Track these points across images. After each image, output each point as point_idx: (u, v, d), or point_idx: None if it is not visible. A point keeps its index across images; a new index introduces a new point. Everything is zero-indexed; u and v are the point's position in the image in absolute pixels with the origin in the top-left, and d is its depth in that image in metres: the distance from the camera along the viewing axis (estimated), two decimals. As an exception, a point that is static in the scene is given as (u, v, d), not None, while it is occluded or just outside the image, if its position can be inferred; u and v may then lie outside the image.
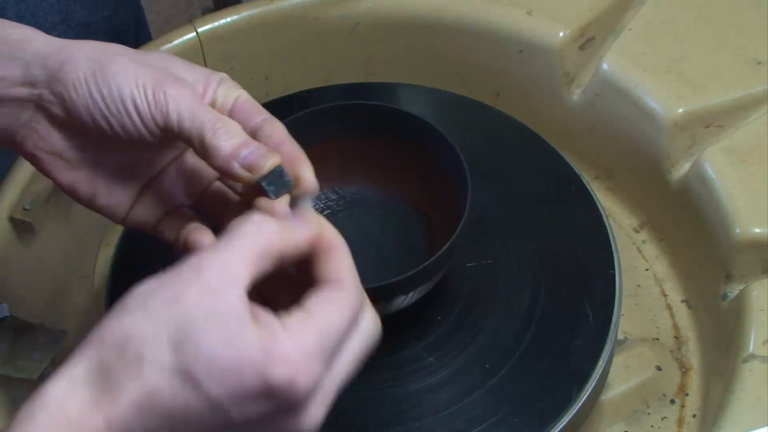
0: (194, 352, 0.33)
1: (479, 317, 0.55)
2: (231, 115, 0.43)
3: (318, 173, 0.57)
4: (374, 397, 0.51)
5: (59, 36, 0.68)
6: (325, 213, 0.58)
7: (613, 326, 0.53)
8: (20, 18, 0.65)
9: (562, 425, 0.49)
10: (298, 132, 0.55)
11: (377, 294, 0.49)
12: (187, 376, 0.33)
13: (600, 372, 0.51)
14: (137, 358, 0.33)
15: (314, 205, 0.57)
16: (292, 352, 0.34)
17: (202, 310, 0.34)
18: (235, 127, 0.41)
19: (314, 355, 0.35)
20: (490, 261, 0.57)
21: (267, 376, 0.34)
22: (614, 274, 0.55)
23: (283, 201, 0.40)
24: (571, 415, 0.50)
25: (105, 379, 0.33)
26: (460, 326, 0.55)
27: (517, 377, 0.52)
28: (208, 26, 0.71)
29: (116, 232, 0.64)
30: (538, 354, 0.53)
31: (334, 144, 0.57)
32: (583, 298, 0.55)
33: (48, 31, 0.67)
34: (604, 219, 0.58)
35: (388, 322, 0.51)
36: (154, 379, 0.33)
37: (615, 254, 0.57)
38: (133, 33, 0.77)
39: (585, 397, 0.50)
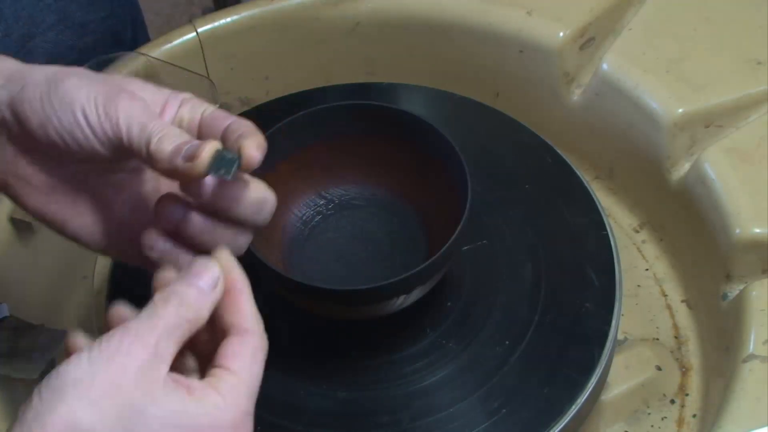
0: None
1: (488, 297, 0.55)
2: (200, 128, 0.43)
3: (319, 173, 0.57)
4: (402, 393, 0.51)
5: (57, 36, 0.69)
6: (326, 214, 0.58)
7: (613, 326, 0.53)
8: (17, 18, 0.65)
9: (563, 425, 0.49)
10: (299, 132, 0.56)
11: (379, 294, 0.49)
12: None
13: (600, 372, 0.51)
14: None
15: (317, 204, 0.58)
16: (237, 416, 0.36)
17: (144, 397, 0.35)
18: (179, 132, 0.41)
19: (251, 413, 0.37)
20: (485, 241, 0.58)
21: None
22: (614, 274, 0.56)
23: (245, 177, 0.42)
24: (571, 415, 0.50)
25: None
26: (471, 308, 0.55)
27: (538, 348, 0.53)
28: (208, 26, 0.71)
29: (116, 232, 0.64)
30: (553, 323, 0.54)
31: (333, 144, 0.57)
32: (583, 298, 0.55)
33: (45, 31, 0.68)
34: (604, 219, 0.58)
35: (398, 316, 0.52)
36: None
37: (615, 254, 0.57)
38: (130, 33, 0.77)
39: (585, 397, 0.50)
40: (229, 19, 0.71)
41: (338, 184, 0.58)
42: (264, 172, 0.54)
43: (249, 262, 0.51)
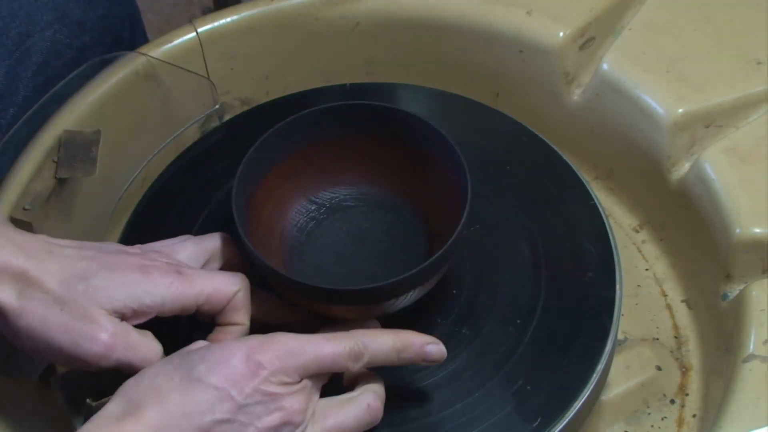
0: (197, 364, 0.43)
1: (491, 279, 0.56)
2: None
3: (307, 177, 0.57)
4: (426, 385, 0.52)
5: (55, 35, 0.69)
6: (319, 219, 0.58)
7: (613, 326, 0.53)
8: (14, 17, 0.65)
9: (563, 425, 0.49)
10: (298, 132, 0.56)
11: (379, 294, 0.49)
12: (194, 378, 0.43)
13: (600, 372, 0.51)
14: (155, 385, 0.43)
15: (309, 210, 0.58)
16: (270, 341, 0.45)
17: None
18: None
19: (290, 351, 0.45)
20: (477, 226, 0.58)
21: (249, 355, 0.43)
22: (614, 274, 0.56)
23: None
24: (571, 415, 0.50)
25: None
26: (477, 293, 0.55)
27: (550, 322, 0.53)
28: (208, 26, 0.71)
29: (116, 232, 0.64)
30: (559, 296, 0.54)
31: (333, 144, 0.57)
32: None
33: (43, 30, 0.68)
34: (604, 219, 0.58)
35: (407, 310, 0.52)
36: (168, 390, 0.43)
37: (615, 254, 0.57)
38: (128, 31, 0.77)
39: (585, 397, 0.50)
40: (229, 19, 0.71)
41: (327, 187, 0.58)
42: (256, 182, 0.54)
43: (251, 267, 0.52)
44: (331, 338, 0.46)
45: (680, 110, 0.62)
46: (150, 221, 0.62)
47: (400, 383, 0.52)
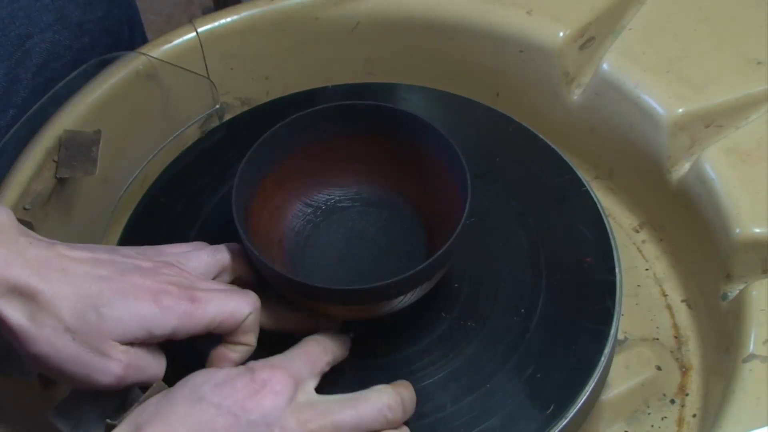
0: (201, 385, 0.45)
1: (491, 271, 0.56)
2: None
3: (302, 181, 0.57)
4: (436, 379, 0.52)
5: (54, 36, 0.69)
6: (316, 222, 0.58)
7: (613, 326, 0.53)
8: (14, 18, 0.65)
9: (562, 425, 0.49)
10: (298, 133, 0.56)
11: (382, 293, 0.49)
12: (196, 398, 0.44)
13: (600, 372, 0.51)
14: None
15: (305, 213, 0.58)
16: (267, 363, 0.47)
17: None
18: None
19: (289, 368, 0.47)
20: (473, 219, 0.58)
21: (251, 373, 0.45)
22: (614, 274, 0.56)
23: None
24: (571, 415, 0.50)
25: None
26: (479, 285, 0.56)
27: (554, 309, 0.54)
28: (208, 26, 0.71)
29: (116, 232, 0.64)
30: (560, 283, 0.55)
31: (324, 147, 0.57)
32: (583, 299, 0.55)
33: (43, 31, 0.68)
34: (604, 219, 0.59)
35: (410, 307, 0.53)
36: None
37: (615, 254, 0.57)
38: (127, 33, 0.77)
39: (585, 397, 0.50)
40: (229, 19, 0.71)
41: (322, 189, 0.58)
42: (251, 193, 0.54)
43: (255, 270, 0.52)
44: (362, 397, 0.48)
45: (680, 110, 0.62)
46: (150, 222, 0.62)
47: (409, 380, 0.52)
